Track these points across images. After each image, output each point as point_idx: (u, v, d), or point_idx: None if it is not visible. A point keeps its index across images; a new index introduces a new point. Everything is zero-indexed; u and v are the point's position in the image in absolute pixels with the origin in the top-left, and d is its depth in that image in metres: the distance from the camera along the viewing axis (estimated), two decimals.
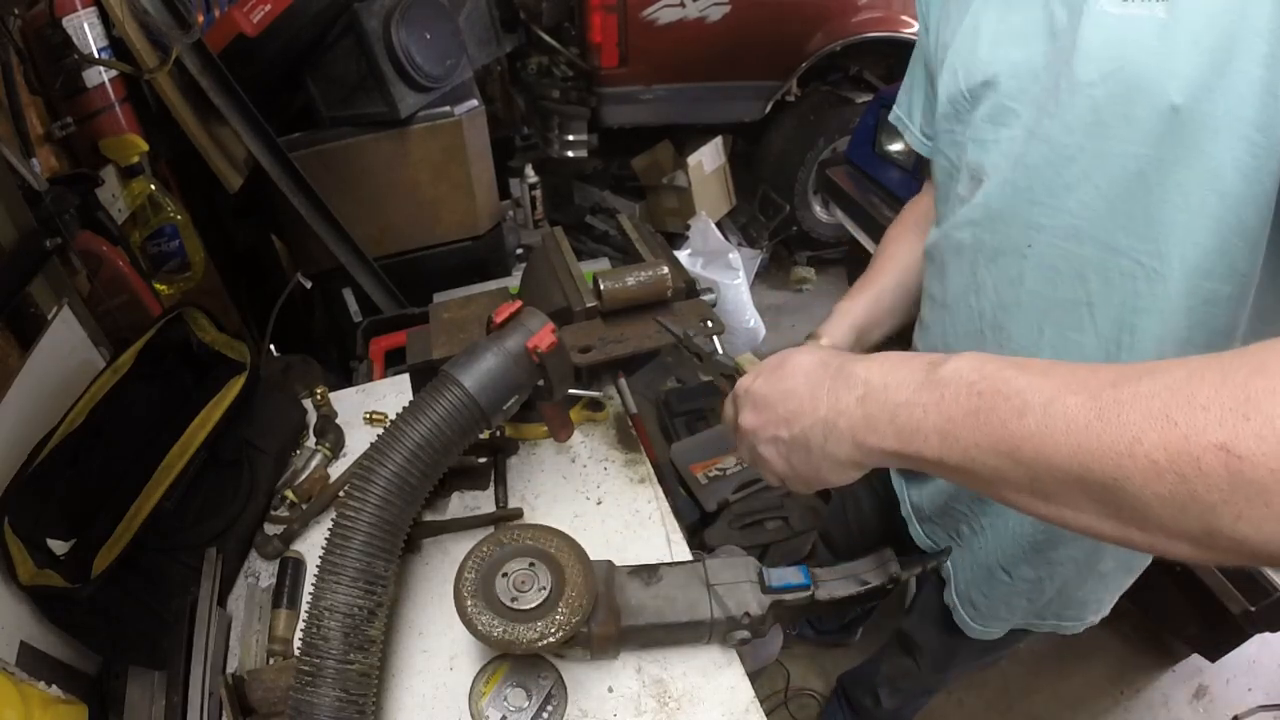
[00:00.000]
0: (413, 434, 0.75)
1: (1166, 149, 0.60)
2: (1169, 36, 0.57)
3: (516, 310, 0.83)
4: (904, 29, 2.93)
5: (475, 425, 0.79)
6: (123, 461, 0.95)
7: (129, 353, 0.98)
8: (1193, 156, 0.59)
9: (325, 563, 0.71)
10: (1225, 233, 0.61)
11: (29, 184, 1.14)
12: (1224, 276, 0.63)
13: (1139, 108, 0.60)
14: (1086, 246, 0.69)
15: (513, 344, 0.81)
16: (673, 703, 0.79)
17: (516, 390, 0.81)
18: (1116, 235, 0.66)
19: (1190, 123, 0.58)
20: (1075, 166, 0.66)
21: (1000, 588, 0.96)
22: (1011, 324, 0.78)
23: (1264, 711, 1.82)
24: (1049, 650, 1.98)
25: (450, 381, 0.77)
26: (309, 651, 0.68)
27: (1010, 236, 0.75)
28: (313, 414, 1.14)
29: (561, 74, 2.98)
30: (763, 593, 0.81)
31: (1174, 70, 0.57)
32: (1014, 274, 0.76)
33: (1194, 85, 0.56)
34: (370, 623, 0.70)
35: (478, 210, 1.98)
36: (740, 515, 1.90)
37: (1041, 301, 0.75)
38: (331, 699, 0.66)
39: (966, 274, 0.81)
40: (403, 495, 0.74)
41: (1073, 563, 0.89)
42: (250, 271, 2.10)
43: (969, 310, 0.83)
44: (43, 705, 0.75)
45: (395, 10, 1.63)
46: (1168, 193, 0.62)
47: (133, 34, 1.44)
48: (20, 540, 0.81)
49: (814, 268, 3.30)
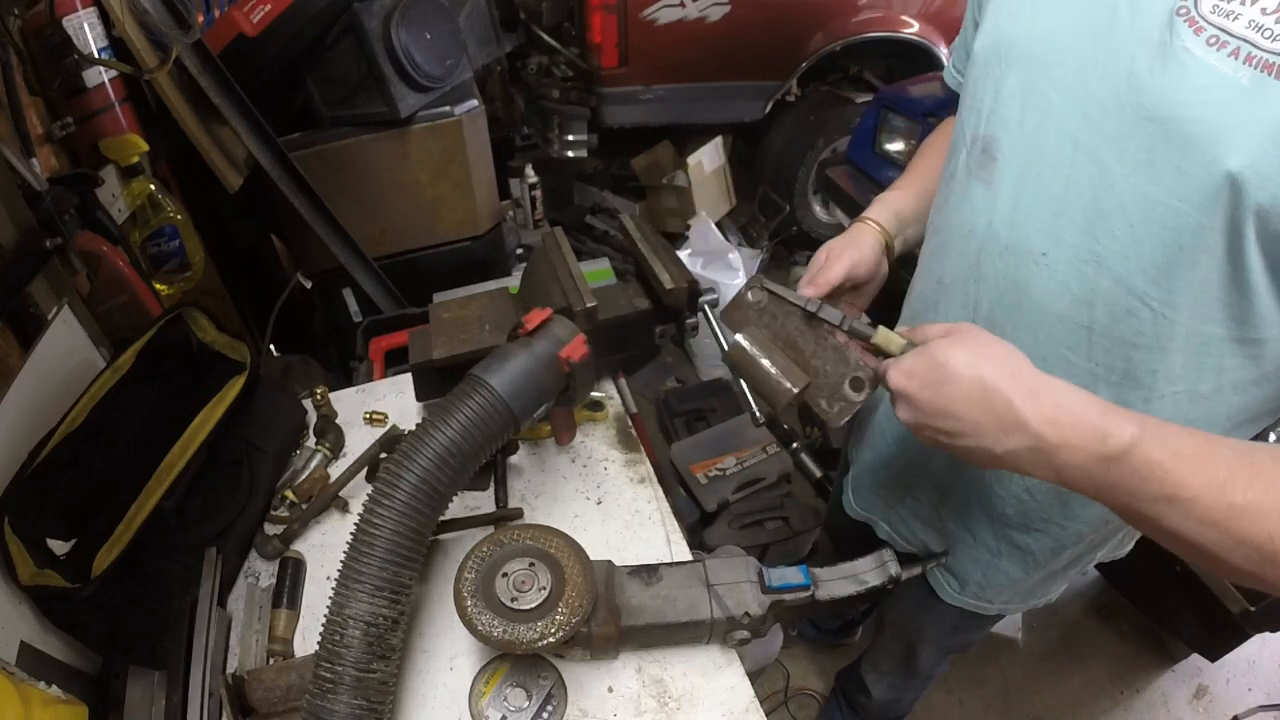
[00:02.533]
0: (441, 436, 0.73)
1: (1206, 213, 0.59)
2: (1247, 108, 0.55)
3: (547, 318, 0.83)
4: (904, 29, 2.93)
5: (504, 429, 0.78)
6: (123, 461, 0.95)
7: (129, 353, 0.98)
8: (1228, 227, 0.58)
9: (348, 570, 0.69)
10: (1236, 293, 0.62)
11: (29, 184, 1.14)
12: (1222, 322, 0.64)
13: (1193, 165, 0.58)
14: (1104, 277, 0.68)
15: (544, 351, 0.81)
16: (673, 703, 0.79)
17: (546, 397, 0.82)
18: (1136, 276, 0.66)
19: (1236, 197, 0.57)
20: (1115, 197, 0.65)
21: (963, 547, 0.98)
22: (1007, 324, 0.77)
23: (1264, 711, 1.82)
24: (1049, 650, 1.98)
25: (480, 384, 0.77)
26: (330, 659, 0.67)
27: (1026, 237, 0.73)
28: (313, 414, 1.14)
29: (561, 74, 2.98)
30: (763, 593, 0.81)
31: (1240, 144, 0.55)
32: (1021, 276, 0.74)
33: (1255, 165, 0.55)
34: (393, 632, 0.70)
35: (478, 210, 1.98)
36: (740, 515, 1.90)
37: (1043, 313, 0.74)
38: (351, 707, 0.66)
39: (971, 260, 0.80)
40: (429, 501, 0.72)
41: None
42: (250, 271, 2.10)
43: (965, 297, 0.81)
44: (43, 705, 0.75)
45: (395, 10, 1.62)
46: (1196, 253, 0.61)
47: (133, 34, 1.44)
48: (20, 540, 0.81)
49: None
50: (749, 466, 1.97)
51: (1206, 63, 0.57)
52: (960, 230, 0.80)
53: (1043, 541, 0.89)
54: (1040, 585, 0.99)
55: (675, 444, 2.11)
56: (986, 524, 0.92)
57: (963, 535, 0.97)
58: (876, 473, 1.09)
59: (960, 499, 0.94)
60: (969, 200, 0.78)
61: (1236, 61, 0.55)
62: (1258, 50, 0.54)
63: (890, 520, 1.10)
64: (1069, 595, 2.08)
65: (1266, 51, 0.54)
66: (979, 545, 0.95)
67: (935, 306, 0.87)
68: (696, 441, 2.09)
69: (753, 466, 1.97)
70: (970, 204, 0.78)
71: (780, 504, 1.93)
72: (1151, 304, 0.66)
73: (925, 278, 0.90)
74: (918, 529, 1.05)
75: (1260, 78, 0.54)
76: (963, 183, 0.80)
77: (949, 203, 0.83)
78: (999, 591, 1.00)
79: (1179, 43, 0.58)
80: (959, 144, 0.81)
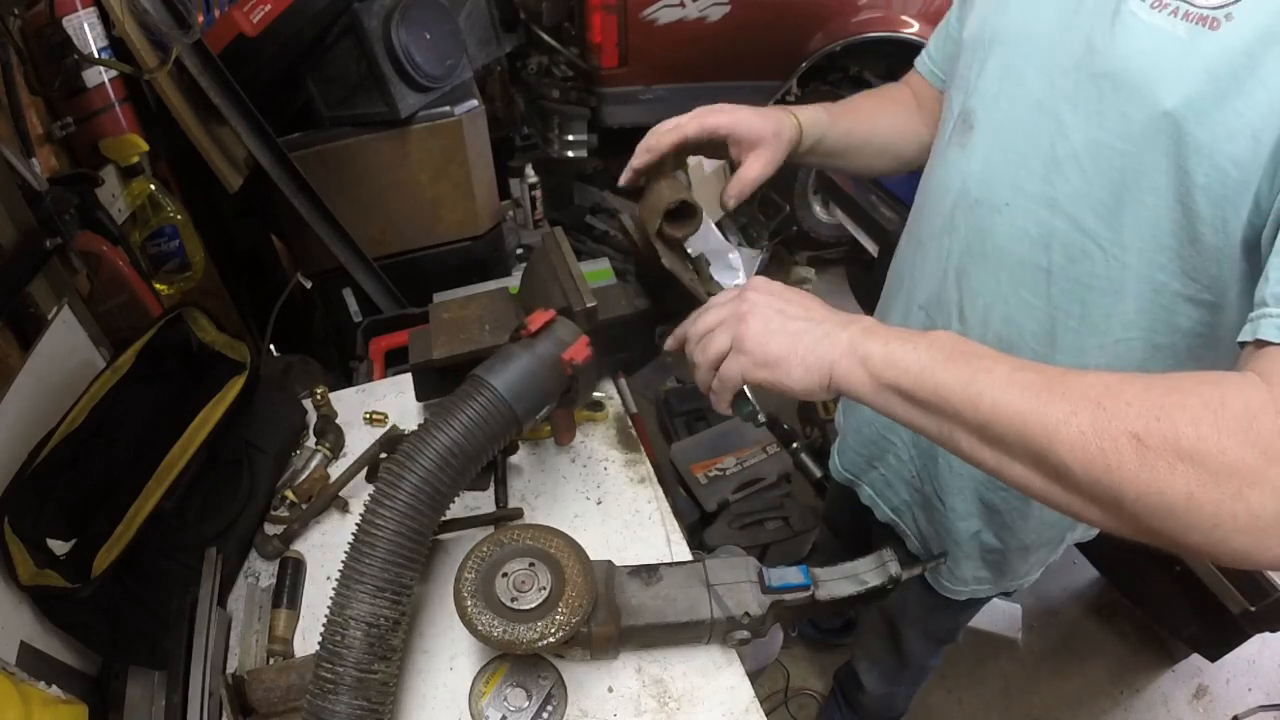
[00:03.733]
0: (443, 437, 0.73)
1: (1148, 152, 0.64)
2: (1183, 55, 0.60)
3: (550, 320, 0.84)
4: (904, 29, 2.93)
5: (506, 430, 0.78)
6: (123, 461, 0.95)
7: (129, 353, 0.98)
8: (1170, 166, 0.63)
9: (349, 570, 0.69)
10: (1184, 240, 0.65)
11: (29, 184, 1.14)
12: (1175, 274, 0.68)
13: (1135, 108, 0.64)
14: (1058, 219, 0.73)
15: (547, 352, 0.81)
16: (673, 703, 0.79)
17: (549, 398, 0.82)
18: (1087, 216, 0.71)
19: (1176, 135, 0.61)
20: (1069, 145, 0.70)
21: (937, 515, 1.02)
22: (974, 271, 0.83)
23: (1264, 711, 1.82)
24: (1049, 650, 1.98)
25: (483, 385, 0.76)
26: (331, 659, 0.67)
27: (993, 189, 0.79)
28: (313, 414, 1.14)
29: (561, 74, 2.98)
30: (763, 593, 0.81)
31: (1175, 86, 0.61)
32: (986, 225, 0.80)
33: (1190, 103, 0.60)
34: (394, 633, 0.70)
35: (478, 210, 1.98)
36: (740, 515, 1.90)
37: (1006, 257, 0.79)
38: (352, 707, 0.66)
39: (945, 214, 0.86)
40: (431, 502, 0.72)
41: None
42: (250, 271, 2.10)
43: (939, 249, 0.88)
44: (43, 705, 0.75)
45: (395, 10, 1.62)
46: (1141, 192, 0.66)
47: (133, 34, 1.44)
48: (20, 540, 0.81)
49: (814, 268, 3.30)
50: (749, 466, 1.97)
51: (1149, 22, 0.63)
52: (938, 191, 0.87)
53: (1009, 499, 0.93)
54: (1015, 560, 1.01)
55: (675, 444, 2.11)
56: (955, 479, 0.96)
57: (934, 502, 1.01)
58: (860, 430, 1.13)
59: (930, 453, 0.98)
60: (946, 164, 0.85)
61: (1175, 19, 0.61)
62: (1193, 7, 0.60)
63: (873, 482, 1.14)
64: (1069, 595, 2.09)
65: (1200, 7, 0.60)
66: (949, 513, 0.99)
67: (913, 262, 0.94)
68: (696, 441, 2.09)
69: (753, 466, 1.97)
70: (947, 167, 0.85)
71: (780, 504, 1.93)
72: (1103, 244, 0.71)
73: (907, 239, 0.98)
74: (900, 488, 1.08)
75: (1195, 29, 0.60)
76: (943, 151, 0.87)
77: (932, 170, 0.90)
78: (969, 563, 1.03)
79: (1126, 8, 0.64)
80: (945, 119, 0.88)
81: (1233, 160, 0.58)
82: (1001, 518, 0.95)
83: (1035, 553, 1.01)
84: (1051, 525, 0.96)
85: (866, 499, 1.17)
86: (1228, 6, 0.58)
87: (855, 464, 1.17)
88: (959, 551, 1.02)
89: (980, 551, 1.01)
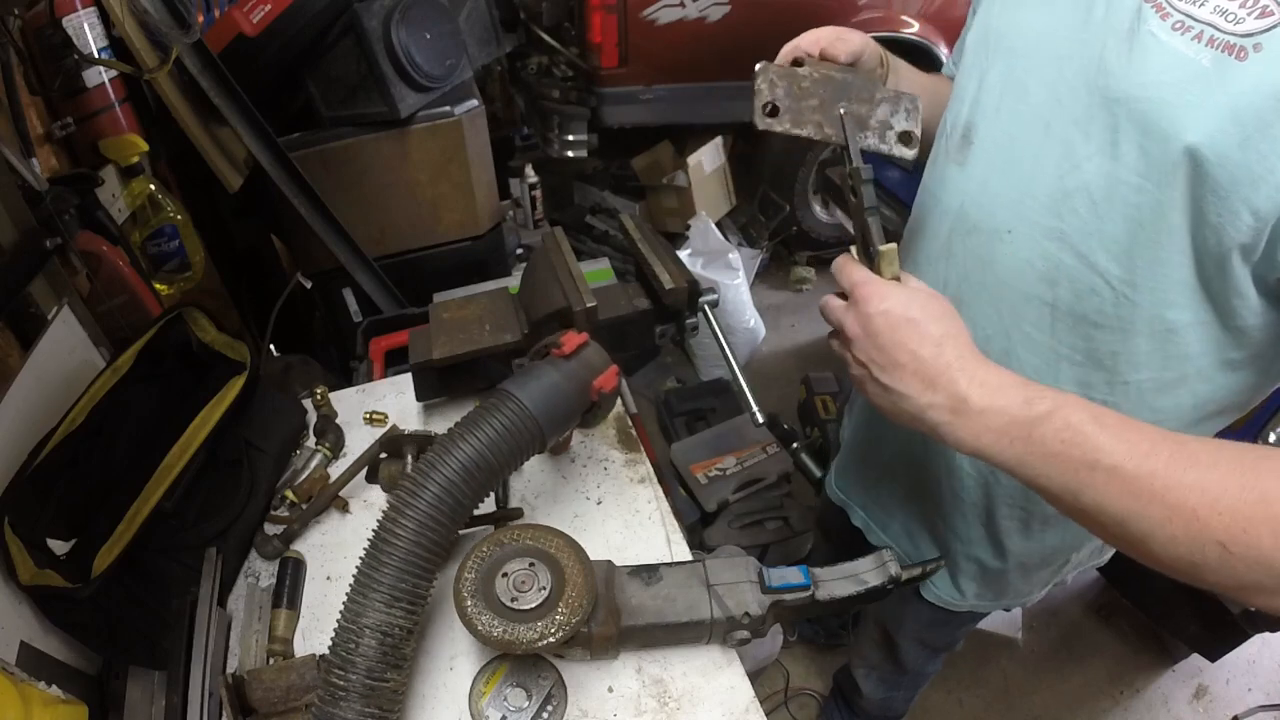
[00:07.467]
0: (467, 448, 0.72)
1: (1166, 191, 0.60)
2: (1206, 89, 0.56)
3: (584, 343, 0.84)
4: (904, 29, 2.93)
5: (531, 446, 0.78)
6: (123, 461, 0.95)
7: (129, 353, 0.98)
8: (1187, 204, 0.59)
9: (365, 578, 0.69)
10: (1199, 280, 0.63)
11: (29, 184, 1.14)
12: (1185, 307, 0.65)
13: (1153, 144, 0.60)
14: (1066, 254, 0.69)
15: (577, 375, 0.81)
16: (673, 703, 0.79)
17: (572, 419, 0.83)
18: (1097, 253, 0.67)
19: (1195, 173, 0.58)
20: (1079, 177, 0.66)
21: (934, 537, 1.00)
22: (973, 302, 0.79)
23: (1264, 711, 1.82)
24: (1049, 650, 1.98)
25: (510, 398, 0.76)
26: (343, 667, 0.66)
27: (994, 215, 0.75)
28: (313, 414, 1.14)
29: (561, 74, 2.98)
30: (763, 593, 0.81)
31: (1198, 122, 0.56)
32: (986, 255, 0.76)
33: (1212, 143, 0.56)
34: (407, 642, 0.70)
35: (478, 210, 1.98)
36: (740, 515, 1.90)
37: (1007, 291, 0.76)
38: (362, 715, 0.66)
39: (942, 240, 0.82)
40: (451, 513, 0.72)
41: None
42: (250, 271, 2.10)
43: (935, 276, 0.83)
44: (43, 705, 0.75)
45: (395, 10, 1.62)
46: (1158, 232, 0.62)
47: (133, 34, 1.44)
48: (20, 540, 0.81)
49: (814, 268, 3.30)
50: (749, 466, 1.97)
51: (1170, 46, 0.58)
52: (935, 211, 0.83)
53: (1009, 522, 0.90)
54: (1016, 579, 0.99)
55: (675, 444, 2.11)
56: (956, 505, 0.93)
57: (934, 521, 0.98)
58: (856, 449, 1.11)
59: (931, 478, 0.95)
60: (944, 182, 0.81)
61: (1199, 44, 0.57)
62: (1219, 33, 0.55)
63: (866, 505, 1.12)
64: (1069, 595, 2.09)
65: (1227, 34, 0.55)
66: (950, 533, 0.96)
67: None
68: (696, 441, 2.09)
69: (753, 466, 1.97)
70: (944, 186, 0.81)
71: (780, 504, 1.93)
72: (1112, 282, 0.67)
73: (905, 257, 0.92)
74: (895, 512, 1.06)
75: (1221, 58, 0.55)
76: (940, 166, 0.82)
77: (927, 186, 0.85)
78: (969, 582, 1.01)
79: (1145, 28, 0.60)
80: (941, 131, 0.83)
81: (1250, 208, 0.55)
82: (1001, 539, 0.93)
83: (1037, 573, 0.99)
84: (1054, 549, 0.94)
85: (859, 522, 1.14)
86: (1257, 36, 0.54)
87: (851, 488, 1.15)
88: (957, 570, 1.00)
89: (979, 570, 0.99)
